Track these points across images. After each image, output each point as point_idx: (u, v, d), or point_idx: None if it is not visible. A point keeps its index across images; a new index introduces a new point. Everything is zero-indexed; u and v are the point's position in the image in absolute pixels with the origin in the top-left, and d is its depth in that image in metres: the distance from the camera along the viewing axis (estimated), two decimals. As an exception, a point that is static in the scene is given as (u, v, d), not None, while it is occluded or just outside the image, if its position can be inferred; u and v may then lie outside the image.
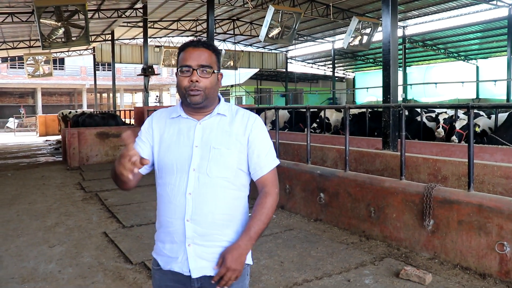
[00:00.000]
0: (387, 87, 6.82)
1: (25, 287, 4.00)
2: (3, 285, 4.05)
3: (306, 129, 6.54)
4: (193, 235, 1.80)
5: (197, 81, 1.81)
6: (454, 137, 8.02)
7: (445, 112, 9.10)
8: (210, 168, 1.81)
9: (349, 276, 4.02)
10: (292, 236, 5.27)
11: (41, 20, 11.93)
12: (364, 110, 11.56)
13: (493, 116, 8.82)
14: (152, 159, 1.94)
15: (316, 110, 13.46)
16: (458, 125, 8.10)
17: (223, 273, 1.76)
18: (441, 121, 8.29)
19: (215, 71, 1.87)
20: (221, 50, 26.74)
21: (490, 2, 17.59)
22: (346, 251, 4.69)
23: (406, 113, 5.54)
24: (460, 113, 8.78)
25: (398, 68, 7.15)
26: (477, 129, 8.17)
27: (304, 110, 6.67)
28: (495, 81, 20.55)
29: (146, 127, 1.98)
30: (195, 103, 1.83)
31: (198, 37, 27.49)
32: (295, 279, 3.98)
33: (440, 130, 8.10)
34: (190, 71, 1.82)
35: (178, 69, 1.85)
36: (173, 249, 1.84)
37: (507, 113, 8.61)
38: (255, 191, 1.98)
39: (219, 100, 1.96)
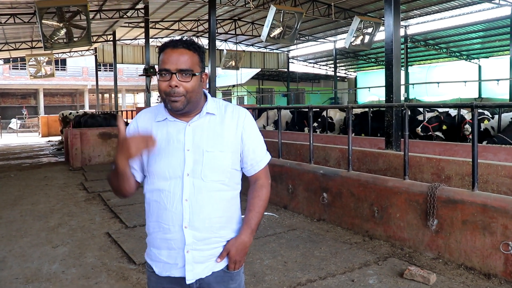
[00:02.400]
0: (390, 86, 6.80)
1: (29, 287, 4.00)
2: (7, 285, 4.05)
3: (308, 129, 6.52)
4: (193, 241, 1.78)
5: (176, 86, 1.71)
6: (467, 126, 8.06)
7: (436, 111, 9.20)
8: (205, 173, 1.78)
9: (353, 276, 4.01)
10: (295, 236, 5.26)
11: (43, 21, 11.94)
12: (366, 109, 11.54)
13: (496, 116, 8.79)
14: (142, 166, 1.88)
15: (318, 109, 13.43)
16: (467, 116, 8.20)
17: (232, 267, 1.85)
18: (467, 118, 8.33)
19: (197, 73, 1.76)
20: (223, 50, 26.76)
21: (492, 1, 17.54)
22: (349, 251, 4.68)
23: (409, 112, 5.53)
24: (464, 112, 8.77)
25: (401, 68, 7.12)
26: (486, 122, 8.18)
27: (307, 110, 6.66)
28: (497, 80, 20.49)
29: (132, 131, 1.88)
30: (176, 110, 1.76)
31: (200, 37, 27.56)
32: (298, 279, 3.97)
33: (468, 127, 8.12)
34: (169, 75, 1.72)
35: (157, 73, 1.76)
36: (171, 256, 1.81)
37: (510, 113, 8.59)
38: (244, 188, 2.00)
39: (206, 97, 1.89)
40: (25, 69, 26.00)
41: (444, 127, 8.61)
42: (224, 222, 1.84)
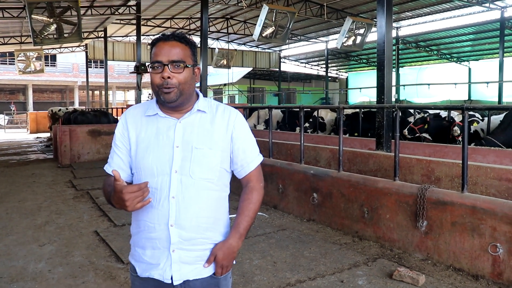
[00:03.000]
0: (381, 87, 6.81)
1: (14, 286, 3.93)
2: (-8, 285, 3.99)
3: (300, 129, 6.51)
4: (178, 240, 1.74)
5: (169, 78, 1.71)
6: (456, 128, 8.11)
7: (421, 112, 9.27)
8: (193, 170, 1.75)
9: (342, 276, 4.01)
10: (285, 236, 5.25)
11: (32, 16, 11.78)
12: (357, 110, 11.57)
13: (485, 118, 8.86)
14: (130, 165, 1.86)
15: (309, 110, 13.44)
16: (456, 118, 8.26)
17: (219, 272, 1.80)
18: (457, 120, 8.38)
19: (189, 65, 1.75)
20: (215, 48, 26.69)
21: (483, 5, 17.70)
22: (339, 252, 4.67)
23: (400, 114, 5.54)
24: (454, 114, 8.83)
25: (392, 69, 7.14)
26: (475, 124, 8.25)
27: (298, 109, 6.65)
28: (487, 83, 20.68)
29: (121, 129, 1.87)
30: (169, 101, 1.74)
31: (192, 35, 27.42)
32: (288, 279, 3.96)
33: (456, 129, 8.17)
34: (161, 67, 1.72)
35: (149, 66, 1.75)
36: (155, 255, 1.77)
37: (499, 115, 8.67)
38: (234, 187, 1.96)
39: (198, 96, 1.88)
40: (14, 64, 25.68)
41: (426, 126, 8.69)
42: (211, 223, 1.81)
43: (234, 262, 1.89)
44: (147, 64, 19.23)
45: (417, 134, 8.87)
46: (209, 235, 1.81)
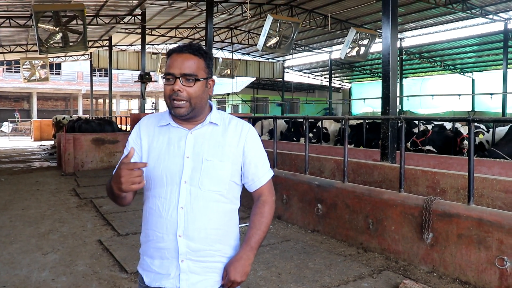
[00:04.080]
0: (386, 98, 6.81)
1: (18, 295, 3.92)
2: (-5, 293, 3.97)
3: (304, 139, 6.51)
4: (187, 251, 1.73)
5: (179, 90, 1.71)
6: (466, 142, 8.10)
7: (425, 124, 9.27)
8: (202, 181, 1.75)
9: (347, 289, 3.98)
10: (289, 247, 5.22)
11: (39, 25, 11.89)
12: (360, 121, 11.56)
13: (491, 130, 8.84)
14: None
15: (313, 120, 13.45)
16: (463, 130, 8.27)
17: (228, 286, 1.77)
18: (462, 131, 8.37)
19: (201, 78, 1.75)
20: (219, 58, 26.80)
21: (486, 16, 17.76)
22: (344, 263, 4.64)
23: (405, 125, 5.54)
24: (458, 125, 8.81)
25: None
26: (481, 136, 8.23)
27: (302, 120, 6.64)
28: (491, 94, 20.68)
29: (134, 136, 1.88)
30: (179, 116, 1.75)
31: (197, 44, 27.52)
32: (293, 291, 3.93)
33: (466, 142, 8.15)
34: (173, 79, 1.72)
35: (162, 77, 1.77)
36: (164, 265, 1.76)
37: (504, 127, 8.64)
38: (244, 199, 1.95)
39: (211, 108, 1.88)
40: (19, 72, 25.85)
41: (427, 138, 8.70)
42: (220, 235, 1.79)
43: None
44: (151, 73, 19.37)
45: (419, 147, 8.86)
46: (219, 247, 1.79)
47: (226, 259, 1.81)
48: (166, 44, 27.10)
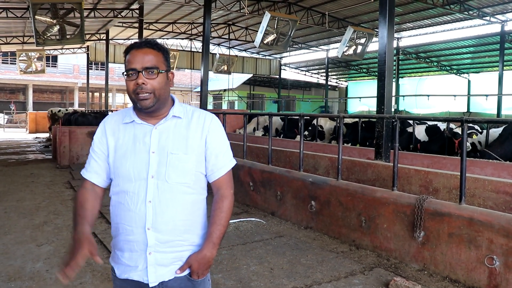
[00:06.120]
0: (382, 97, 6.86)
1: (12, 285, 3.94)
2: (-11, 283, 3.99)
3: (299, 137, 6.55)
4: (155, 243, 1.79)
5: (143, 83, 1.76)
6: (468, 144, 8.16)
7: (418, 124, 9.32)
8: (169, 174, 1.80)
9: (338, 285, 4.02)
10: (282, 243, 5.26)
11: (36, 17, 11.84)
12: (357, 120, 11.62)
13: (484, 131, 8.92)
14: (108, 168, 1.91)
15: (309, 118, 13.50)
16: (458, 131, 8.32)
17: (192, 276, 1.85)
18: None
19: (162, 70, 1.80)
20: (216, 54, 26.77)
21: (483, 18, 17.84)
22: (336, 260, 4.69)
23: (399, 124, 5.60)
24: (452, 126, 8.88)
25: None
26: (474, 137, 8.29)
27: (297, 117, 6.69)
28: (486, 95, 20.80)
29: (99, 136, 1.92)
30: (145, 108, 1.79)
31: (193, 40, 27.57)
32: (284, 286, 3.97)
33: (468, 145, 8.22)
34: (136, 74, 1.77)
35: (124, 74, 1.80)
36: (132, 258, 1.81)
37: (498, 129, 8.72)
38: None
39: (173, 101, 1.92)
40: (15, 64, 25.72)
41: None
42: (188, 225, 1.85)
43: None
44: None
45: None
46: (186, 237, 1.85)
47: (194, 247, 1.87)
48: (163, 38, 27.05)
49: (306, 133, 12.49)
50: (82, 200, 1.89)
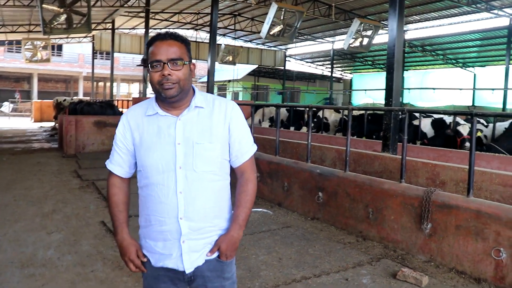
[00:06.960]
0: (390, 90, 6.85)
1: (25, 271, 4.01)
2: (3, 269, 4.06)
3: (307, 128, 6.57)
4: (188, 232, 1.85)
5: (169, 75, 1.79)
6: (467, 144, 8.11)
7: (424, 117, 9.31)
8: (196, 164, 1.84)
9: (346, 275, 4.07)
10: (290, 233, 5.31)
11: (43, 5, 11.84)
12: (362, 112, 11.62)
13: (490, 125, 8.91)
14: (135, 160, 1.96)
15: (315, 109, 13.50)
16: (463, 131, 8.30)
17: (221, 258, 1.93)
18: (464, 134, 8.39)
19: (186, 62, 1.84)
20: (221, 44, 26.71)
21: (491, 11, 17.68)
22: (343, 251, 4.74)
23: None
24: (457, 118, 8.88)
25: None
26: (479, 133, 8.30)
27: (303, 109, 6.69)
28: (493, 89, 20.71)
29: (122, 130, 1.96)
30: (170, 97, 1.82)
31: (198, 30, 27.49)
32: (293, 275, 4.02)
33: (468, 144, 8.20)
34: (161, 65, 1.80)
35: (149, 65, 1.82)
36: (166, 246, 1.88)
37: (504, 123, 8.72)
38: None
39: (194, 91, 1.95)
40: (21, 52, 25.70)
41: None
42: (217, 211, 1.92)
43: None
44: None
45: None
46: (216, 222, 1.93)
47: (222, 231, 1.95)
48: (169, 28, 26.97)
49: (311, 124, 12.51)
50: (117, 200, 2.00)
